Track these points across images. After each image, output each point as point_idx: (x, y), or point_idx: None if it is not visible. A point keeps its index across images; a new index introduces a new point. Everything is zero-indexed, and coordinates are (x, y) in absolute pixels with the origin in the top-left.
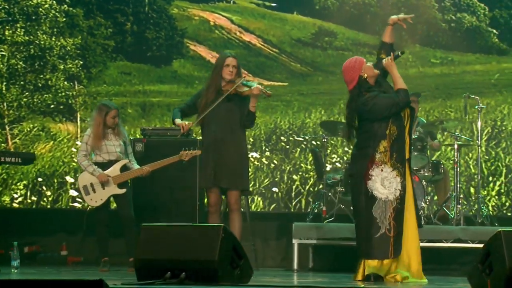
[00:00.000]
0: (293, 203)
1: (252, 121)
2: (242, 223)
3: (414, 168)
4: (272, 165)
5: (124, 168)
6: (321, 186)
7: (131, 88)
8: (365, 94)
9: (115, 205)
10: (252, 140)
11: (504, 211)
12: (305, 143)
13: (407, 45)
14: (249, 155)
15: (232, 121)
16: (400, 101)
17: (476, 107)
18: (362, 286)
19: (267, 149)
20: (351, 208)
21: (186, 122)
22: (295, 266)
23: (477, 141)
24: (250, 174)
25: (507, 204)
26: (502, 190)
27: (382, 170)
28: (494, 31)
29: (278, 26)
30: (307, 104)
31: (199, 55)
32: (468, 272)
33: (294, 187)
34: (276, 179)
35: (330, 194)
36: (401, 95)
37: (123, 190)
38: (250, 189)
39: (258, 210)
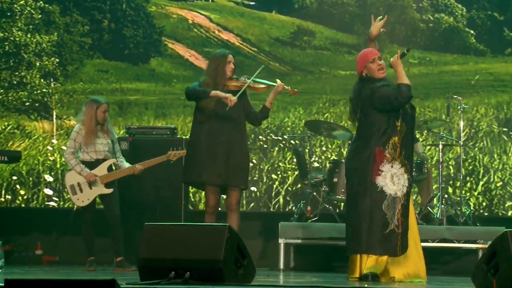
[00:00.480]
0: (272, 203)
1: (266, 117)
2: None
3: None
4: (251, 164)
5: (111, 168)
6: (299, 186)
7: (108, 86)
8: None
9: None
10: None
11: (481, 211)
12: (283, 142)
13: (385, 45)
14: None
15: (238, 119)
16: (401, 95)
17: (459, 107)
18: (366, 286)
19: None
20: (347, 205)
21: (233, 97)
22: (281, 266)
23: (459, 142)
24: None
25: (484, 204)
26: (480, 190)
27: (392, 166)
28: (472, 31)
29: (256, 25)
30: (286, 103)
31: (177, 54)
32: (472, 272)
33: (273, 186)
34: (255, 178)
35: (314, 193)
36: (402, 89)
37: (110, 190)
38: None
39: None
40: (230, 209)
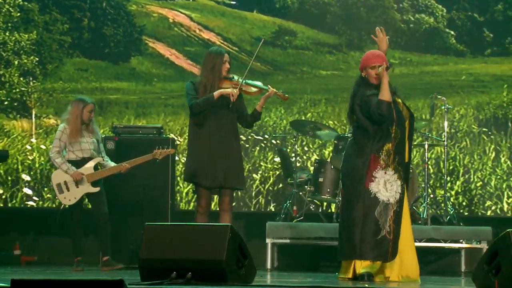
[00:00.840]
0: (253, 202)
1: (257, 121)
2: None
3: None
4: None
5: (97, 167)
6: (281, 186)
7: (88, 85)
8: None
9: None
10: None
11: (461, 211)
12: (265, 142)
13: (366, 45)
14: None
15: (232, 120)
16: (379, 112)
17: (443, 107)
18: (366, 286)
19: None
20: (341, 210)
21: (235, 90)
22: (268, 266)
23: (444, 142)
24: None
25: (464, 203)
26: (460, 190)
27: (385, 173)
28: (452, 32)
29: (238, 24)
30: (267, 103)
31: (157, 53)
32: (473, 272)
33: (254, 186)
34: None
35: (301, 193)
36: (381, 107)
37: (97, 189)
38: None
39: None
40: (223, 209)
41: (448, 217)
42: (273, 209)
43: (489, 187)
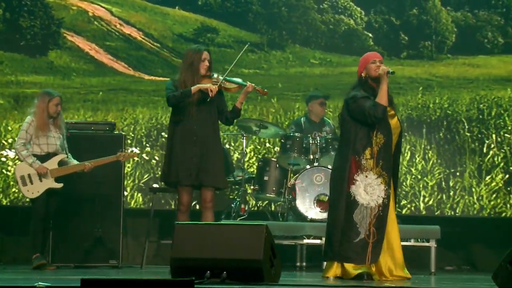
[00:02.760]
0: (175, 200)
1: (237, 117)
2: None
3: (329, 167)
4: (153, 161)
5: (61, 163)
6: None
7: (3, 78)
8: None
9: None
10: (132, 135)
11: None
12: None
13: (287, 44)
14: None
15: (213, 118)
16: (374, 114)
17: None
18: (369, 285)
19: (147, 145)
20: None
21: (214, 86)
22: None
23: None
24: (130, 169)
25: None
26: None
27: (366, 177)
28: (370, 34)
29: (159, 20)
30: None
31: (77, 47)
32: (494, 271)
33: None
34: (157, 175)
35: (249, 191)
36: (378, 110)
37: (60, 185)
38: (131, 185)
39: (138, 206)
40: (205, 207)
41: None
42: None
43: (404, 187)
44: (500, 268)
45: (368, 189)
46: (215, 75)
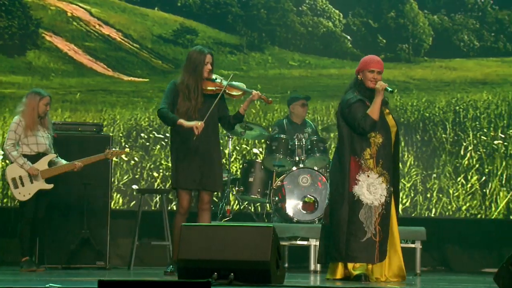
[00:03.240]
0: (154, 201)
1: (239, 123)
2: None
3: (315, 168)
4: (132, 162)
5: (50, 163)
6: None
7: None
8: (355, 94)
9: None
10: (111, 135)
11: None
12: (166, 140)
13: (266, 46)
14: None
15: (214, 122)
16: (364, 126)
17: None
18: (365, 286)
19: (126, 146)
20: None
21: (199, 123)
22: None
23: None
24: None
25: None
26: None
27: (368, 176)
28: (348, 37)
29: (139, 21)
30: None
31: (55, 47)
32: (496, 273)
33: (155, 184)
34: (136, 176)
35: (234, 193)
36: (368, 122)
37: (51, 186)
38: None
39: (118, 207)
40: (202, 208)
41: None
42: (174, 208)
43: None
44: (501, 270)
45: (371, 189)
46: (219, 80)
